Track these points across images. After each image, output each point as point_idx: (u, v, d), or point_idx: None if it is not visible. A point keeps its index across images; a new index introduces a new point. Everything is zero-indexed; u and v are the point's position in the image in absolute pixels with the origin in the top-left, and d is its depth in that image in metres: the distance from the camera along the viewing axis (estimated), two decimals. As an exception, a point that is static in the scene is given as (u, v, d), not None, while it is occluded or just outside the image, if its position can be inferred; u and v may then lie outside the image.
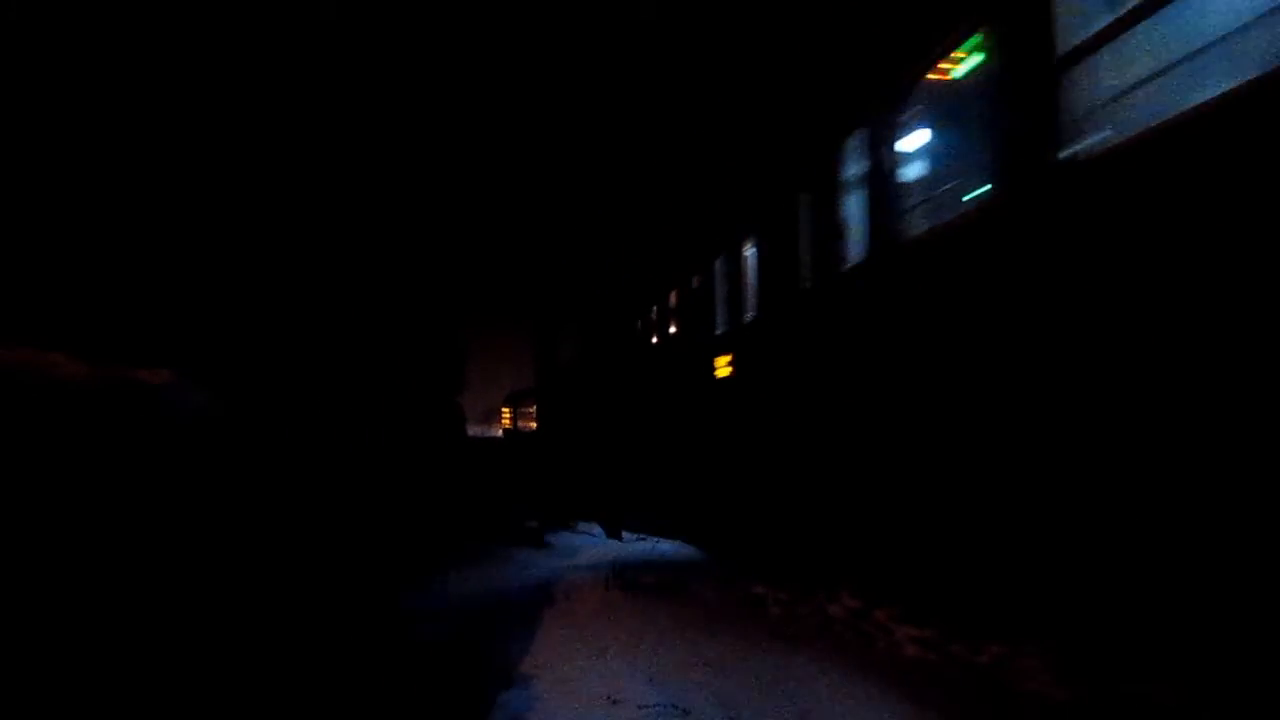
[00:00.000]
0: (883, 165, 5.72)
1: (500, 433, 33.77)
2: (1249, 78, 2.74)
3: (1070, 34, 3.77)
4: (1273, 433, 2.64)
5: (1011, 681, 3.46)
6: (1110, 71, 4.02)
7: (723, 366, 9.09)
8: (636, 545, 8.35)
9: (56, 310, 6.76)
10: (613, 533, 9.17)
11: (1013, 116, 4.18)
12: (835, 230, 6.46)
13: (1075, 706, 3.11)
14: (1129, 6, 3.33)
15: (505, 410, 35.43)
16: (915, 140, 5.96)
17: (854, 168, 6.35)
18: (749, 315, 8.53)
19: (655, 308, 13.32)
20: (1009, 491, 4.12)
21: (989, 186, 4.57)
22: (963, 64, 5.13)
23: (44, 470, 4.06)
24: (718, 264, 9.69)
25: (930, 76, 5.40)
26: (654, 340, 13.50)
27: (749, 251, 8.74)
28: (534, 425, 32.58)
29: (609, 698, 3.51)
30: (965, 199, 5.29)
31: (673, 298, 12.06)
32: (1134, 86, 4.00)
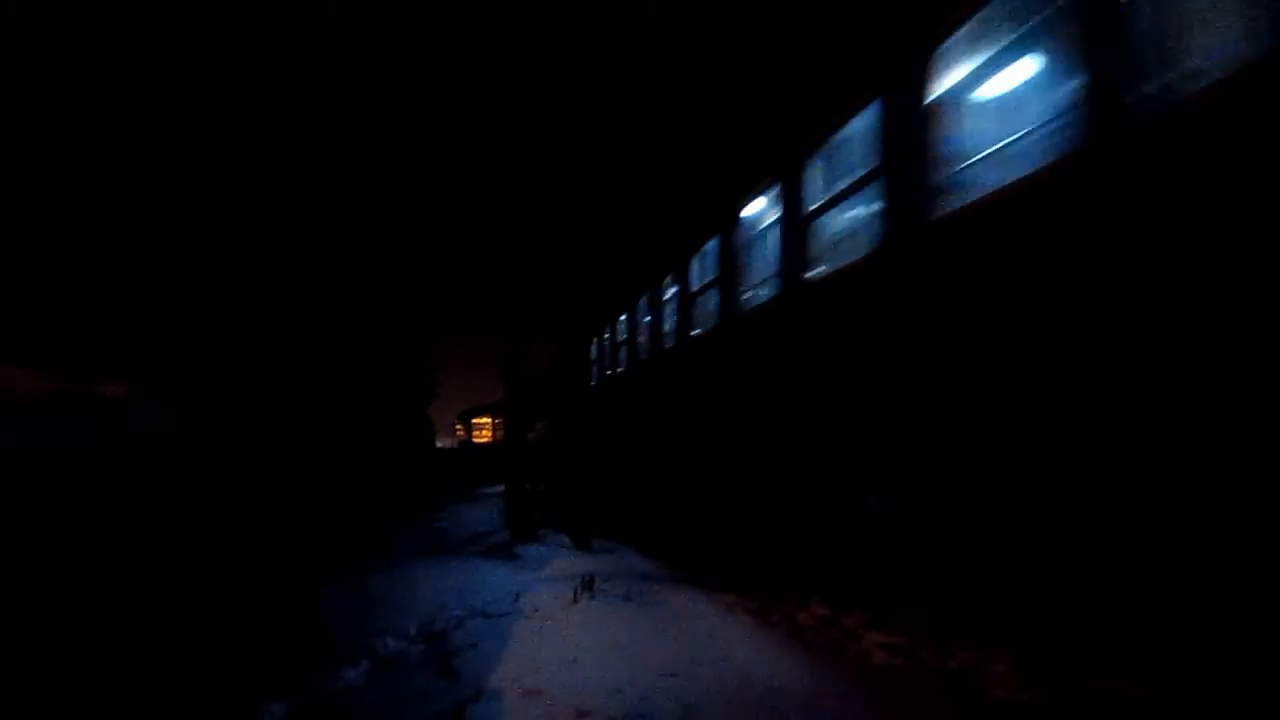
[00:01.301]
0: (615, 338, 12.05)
1: (456, 444, 35.96)
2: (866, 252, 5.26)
3: (809, 204, 6.25)
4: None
5: (981, 687, 3.48)
6: (826, 231, 6.67)
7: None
8: (606, 556, 8.29)
9: (16, 325, 6.61)
10: (581, 544, 9.11)
11: (784, 255, 6.59)
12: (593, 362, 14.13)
13: (1046, 710, 3.13)
14: (831, 194, 5.85)
15: (459, 426, 38.26)
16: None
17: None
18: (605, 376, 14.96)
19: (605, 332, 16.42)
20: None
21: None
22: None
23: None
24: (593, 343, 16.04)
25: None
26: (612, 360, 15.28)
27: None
28: (486, 438, 35.62)
29: (578, 710, 3.47)
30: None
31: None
32: (832, 243, 6.89)
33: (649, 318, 12.09)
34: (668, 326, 10.80)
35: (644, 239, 12.60)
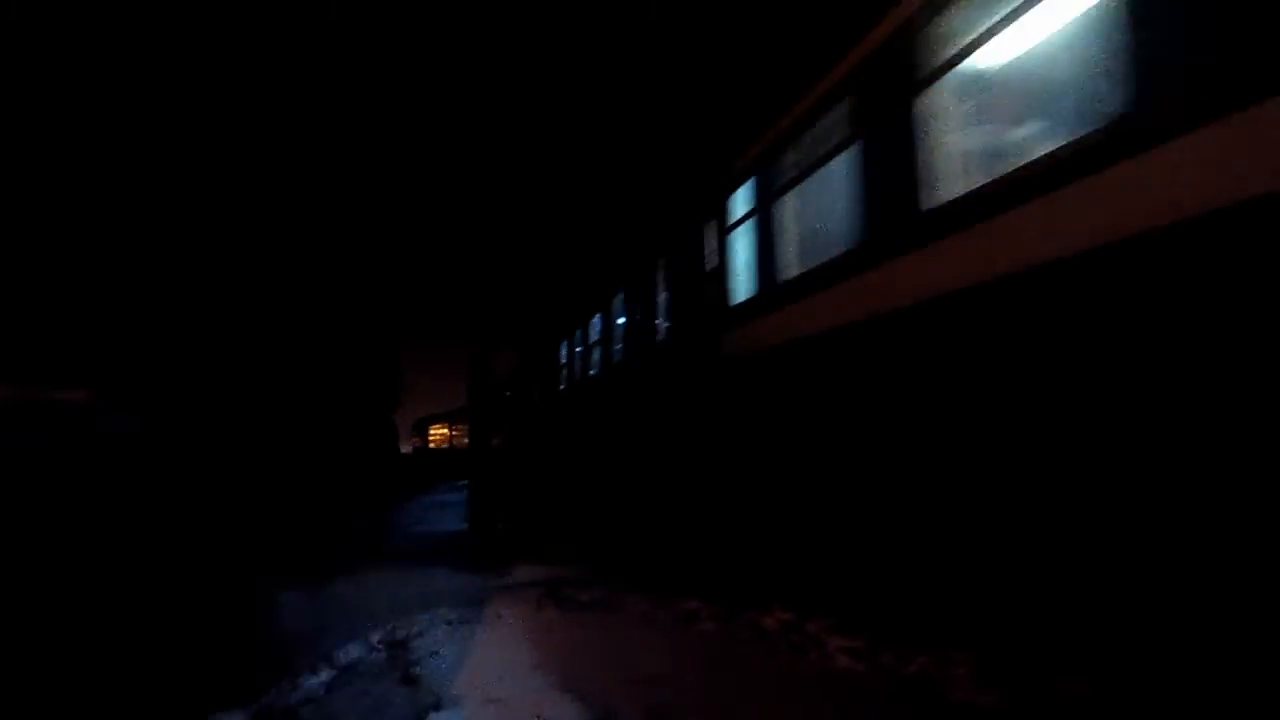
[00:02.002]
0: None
1: (413, 450, 39.91)
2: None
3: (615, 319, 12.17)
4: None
5: (940, 689, 3.52)
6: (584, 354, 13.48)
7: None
8: (570, 563, 8.26)
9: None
10: (545, 550, 9.07)
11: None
12: (558, 370, 17.44)
13: (1004, 712, 3.18)
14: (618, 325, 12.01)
15: (415, 435, 41.80)
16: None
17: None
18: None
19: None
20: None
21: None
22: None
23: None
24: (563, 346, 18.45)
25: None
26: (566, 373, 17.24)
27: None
28: (442, 445, 39.50)
29: (540, 717, 3.45)
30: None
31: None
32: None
33: (605, 330, 12.33)
34: (619, 343, 11.29)
35: (600, 251, 13.52)
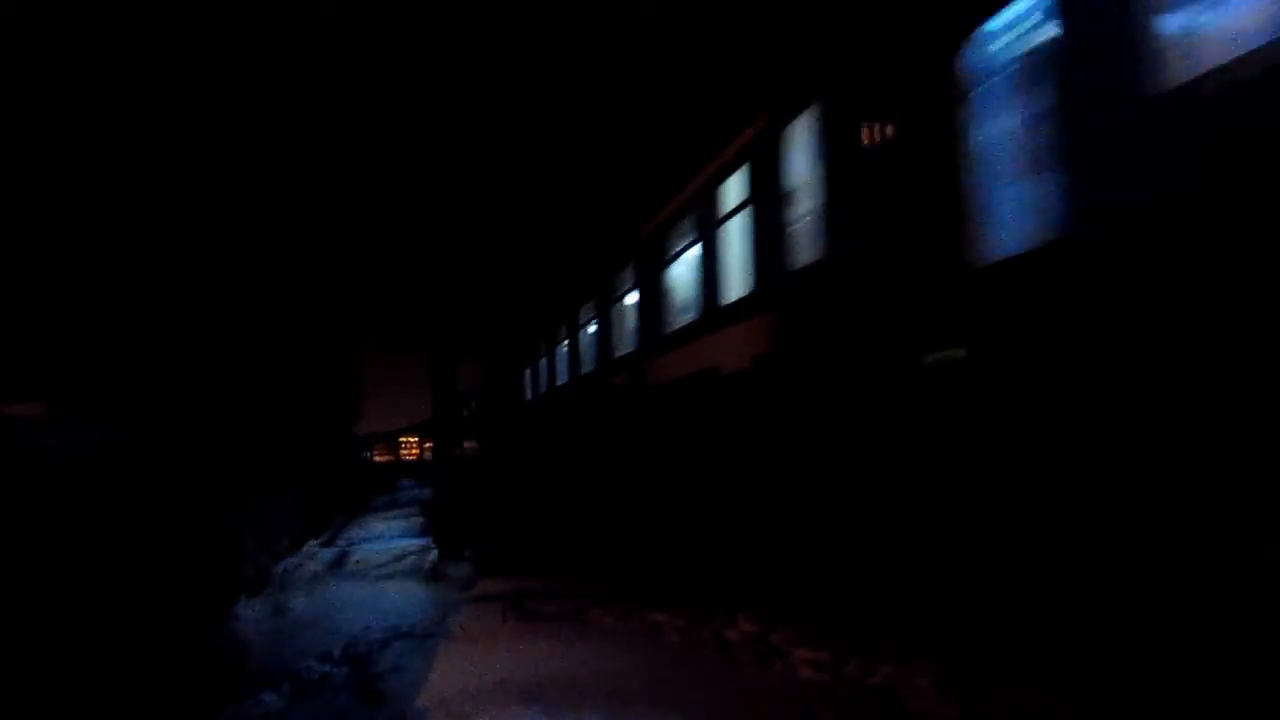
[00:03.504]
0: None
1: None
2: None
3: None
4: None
5: (903, 700, 3.56)
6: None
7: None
8: (535, 575, 8.21)
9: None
10: (510, 563, 9.00)
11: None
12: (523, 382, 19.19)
13: (965, 722, 3.22)
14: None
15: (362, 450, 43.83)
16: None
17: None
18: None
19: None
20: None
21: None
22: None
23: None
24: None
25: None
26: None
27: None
28: (386, 460, 43.80)
29: (506, 731, 3.43)
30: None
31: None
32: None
33: (567, 342, 12.32)
34: (586, 353, 11.19)
35: (547, 284, 13.91)
